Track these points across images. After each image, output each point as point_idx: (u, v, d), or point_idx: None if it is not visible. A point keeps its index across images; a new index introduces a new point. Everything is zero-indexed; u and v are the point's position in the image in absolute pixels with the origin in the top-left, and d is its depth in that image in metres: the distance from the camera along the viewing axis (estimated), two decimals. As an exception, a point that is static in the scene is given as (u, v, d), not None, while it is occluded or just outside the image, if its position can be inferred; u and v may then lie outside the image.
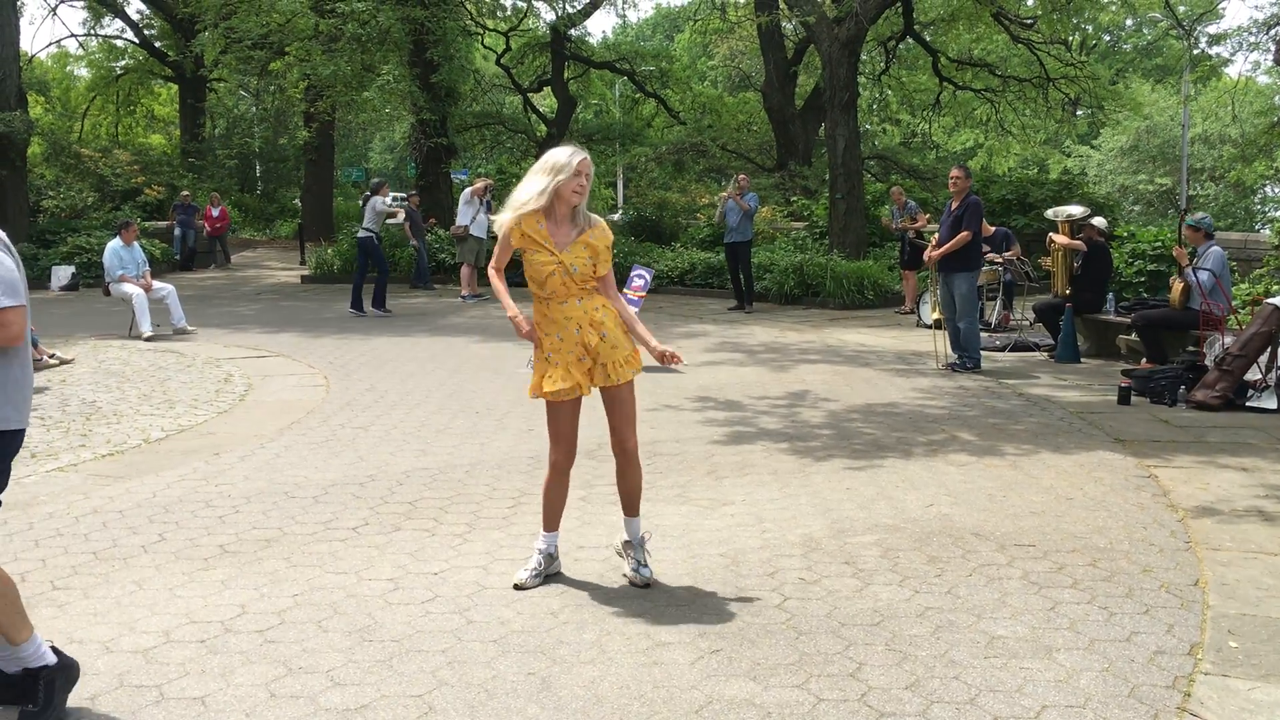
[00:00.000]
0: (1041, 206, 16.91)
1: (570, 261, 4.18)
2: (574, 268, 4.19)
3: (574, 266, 4.19)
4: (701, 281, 17.30)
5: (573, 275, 4.19)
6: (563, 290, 4.22)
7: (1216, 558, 4.74)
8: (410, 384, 9.34)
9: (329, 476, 6.23)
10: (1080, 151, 42.03)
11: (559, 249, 4.20)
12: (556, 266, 4.18)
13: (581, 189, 4.18)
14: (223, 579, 4.52)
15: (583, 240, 4.23)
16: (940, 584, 4.42)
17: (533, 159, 27.10)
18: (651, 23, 57.88)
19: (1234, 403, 8.17)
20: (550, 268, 4.18)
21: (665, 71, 28.66)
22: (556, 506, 4.46)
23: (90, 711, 3.36)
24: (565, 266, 4.18)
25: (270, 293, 18.39)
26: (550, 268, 4.18)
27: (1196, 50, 24.63)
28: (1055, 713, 3.32)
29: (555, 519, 4.48)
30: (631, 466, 4.40)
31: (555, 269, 4.18)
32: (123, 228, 13.16)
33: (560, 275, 4.19)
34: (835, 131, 17.86)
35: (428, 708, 3.37)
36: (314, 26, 19.37)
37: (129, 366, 10.30)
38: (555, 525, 4.49)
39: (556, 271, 4.18)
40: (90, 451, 6.90)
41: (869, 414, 8.03)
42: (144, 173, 26.65)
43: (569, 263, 4.18)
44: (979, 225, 9.99)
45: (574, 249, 4.21)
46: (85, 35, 34.91)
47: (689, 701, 3.40)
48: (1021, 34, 22.49)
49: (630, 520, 4.46)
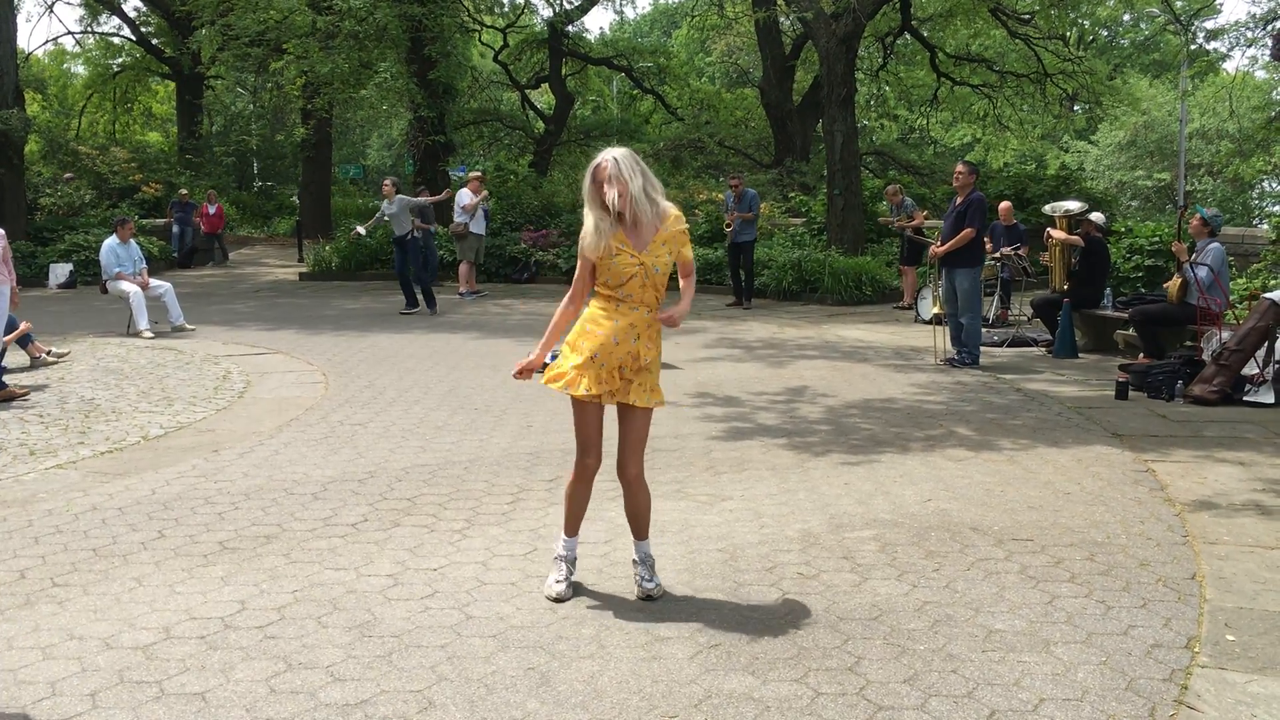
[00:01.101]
0: (1039, 202, 16.91)
1: (652, 262, 4.07)
2: (655, 268, 4.08)
3: (655, 267, 4.08)
4: (699, 277, 17.29)
5: (653, 276, 4.08)
6: (639, 294, 4.09)
7: (1214, 551, 4.75)
8: (409, 380, 9.35)
9: (328, 473, 6.23)
10: (1078, 147, 42.03)
11: (639, 249, 4.07)
12: (639, 269, 4.06)
13: (609, 195, 3.97)
14: (222, 575, 4.53)
15: (660, 238, 4.09)
16: (938, 578, 4.43)
17: (530, 156, 27.16)
18: (649, 19, 57.81)
19: (1231, 397, 8.18)
20: (632, 270, 4.06)
21: (663, 68, 28.67)
22: (580, 511, 4.34)
23: (91, 708, 3.36)
24: (647, 268, 4.06)
25: (268, 290, 18.39)
26: (632, 270, 4.06)
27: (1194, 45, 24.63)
28: (1053, 706, 3.34)
29: (577, 524, 4.36)
30: (632, 491, 4.26)
31: (637, 271, 4.06)
32: (119, 225, 13.16)
33: (641, 277, 4.07)
34: (833, 127, 17.86)
35: (427, 703, 3.38)
36: (311, 23, 19.35)
37: (127, 364, 10.30)
38: (577, 530, 4.37)
39: (638, 274, 4.06)
40: (89, 449, 6.91)
41: (867, 409, 8.04)
42: (141, 170, 26.64)
43: (650, 263, 4.06)
44: (982, 221, 9.99)
45: (653, 248, 4.08)
46: (82, 33, 35.02)
47: (688, 696, 3.41)
48: (1019, 29, 22.49)
49: (640, 544, 4.32)
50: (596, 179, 4.02)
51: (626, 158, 4.02)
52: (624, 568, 4.54)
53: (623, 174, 3.97)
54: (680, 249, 4.15)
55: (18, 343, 10.03)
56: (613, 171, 3.98)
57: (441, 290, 17.68)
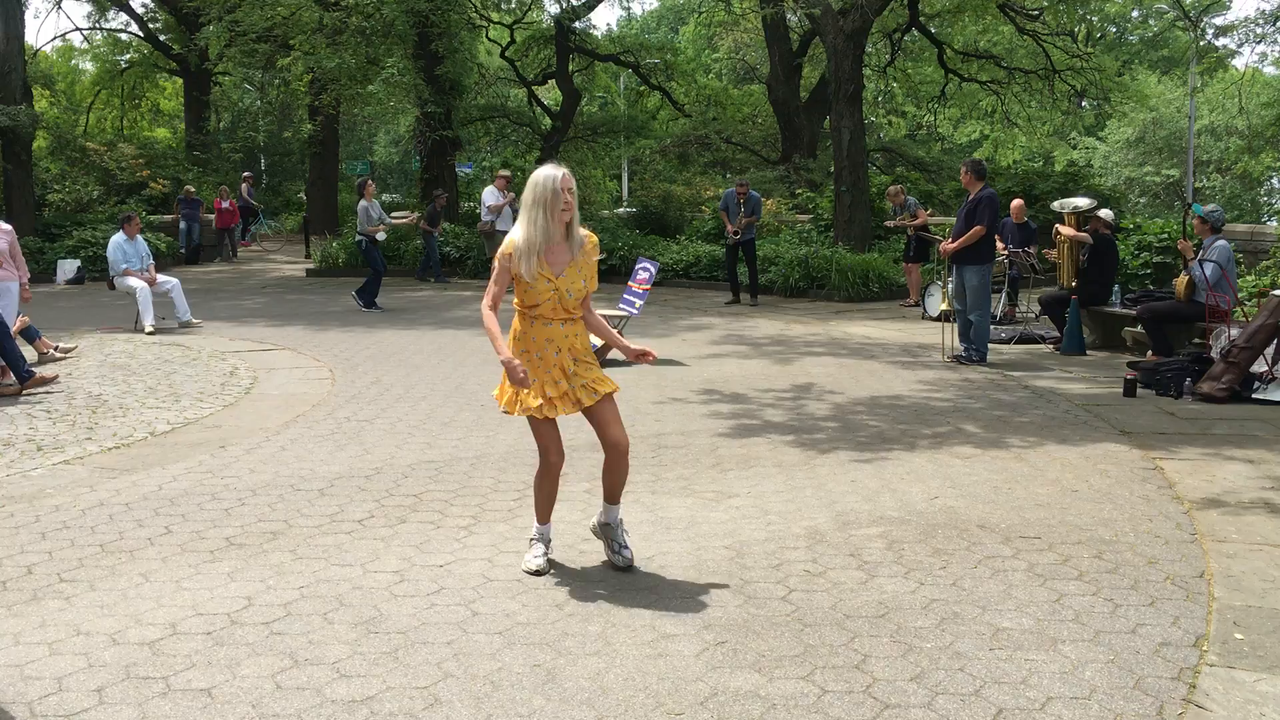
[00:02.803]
0: (1047, 199, 16.86)
1: (566, 287, 4.31)
2: (569, 293, 4.31)
3: (569, 292, 4.31)
4: (706, 274, 17.28)
5: (566, 301, 4.32)
6: (551, 313, 4.33)
7: (1222, 550, 4.73)
8: (415, 377, 9.35)
9: (334, 469, 6.24)
10: (1086, 143, 41.92)
11: (556, 275, 4.30)
12: (553, 293, 4.29)
13: (568, 206, 4.25)
14: (229, 571, 4.53)
15: (576, 264, 4.34)
16: (945, 576, 4.42)
17: (538, 152, 27.14)
18: (656, 15, 57.77)
19: (1240, 395, 8.15)
20: (547, 294, 4.29)
21: (670, 64, 28.60)
22: (550, 500, 4.59)
23: (98, 703, 3.37)
24: (561, 292, 4.30)
25: (275, 286, 18.41)
26: (547, 294, 4.29)
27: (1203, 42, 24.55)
28: (1060, 704, 3.32)
29: (548, 511, 4.61)
30: (621, 460, 4.44)
31: (551, 295, 4.29)
32: (125, 221, 13.18)
33: (554, 301, 4.30)
34: (840, 124, 17.83)
35: (433, 699, 3.38)
36: (319, 19, 19.36)
37: (134, 360, 10.32)
38: (548, 518, 4.62)
39: (552, 298, 4.29)
40: (96, 444, 6.92)
41: (874, 406, 8.03)
42: (149, 166, 26.67)
43: (564, 288, 4.30)
44: (993, 219, 9.96)
45: (569, 273, 4.33)
46: (90, 29, 34.94)
47: (694, 693, 3.41)
48: (1027, 25, 22.43)
49: (610, 507, 4.56)
50: (563, 187, 4.23)
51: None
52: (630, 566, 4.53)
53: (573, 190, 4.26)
54: (589, 280, 4.40)
55: (25, 338, 10.06)
56: (570, 187, 4.26)
57: (449, 287, 17.70)
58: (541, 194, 4.22)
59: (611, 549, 4.57)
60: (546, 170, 4.27)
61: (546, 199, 4.21)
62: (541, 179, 4.24)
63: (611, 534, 4.58)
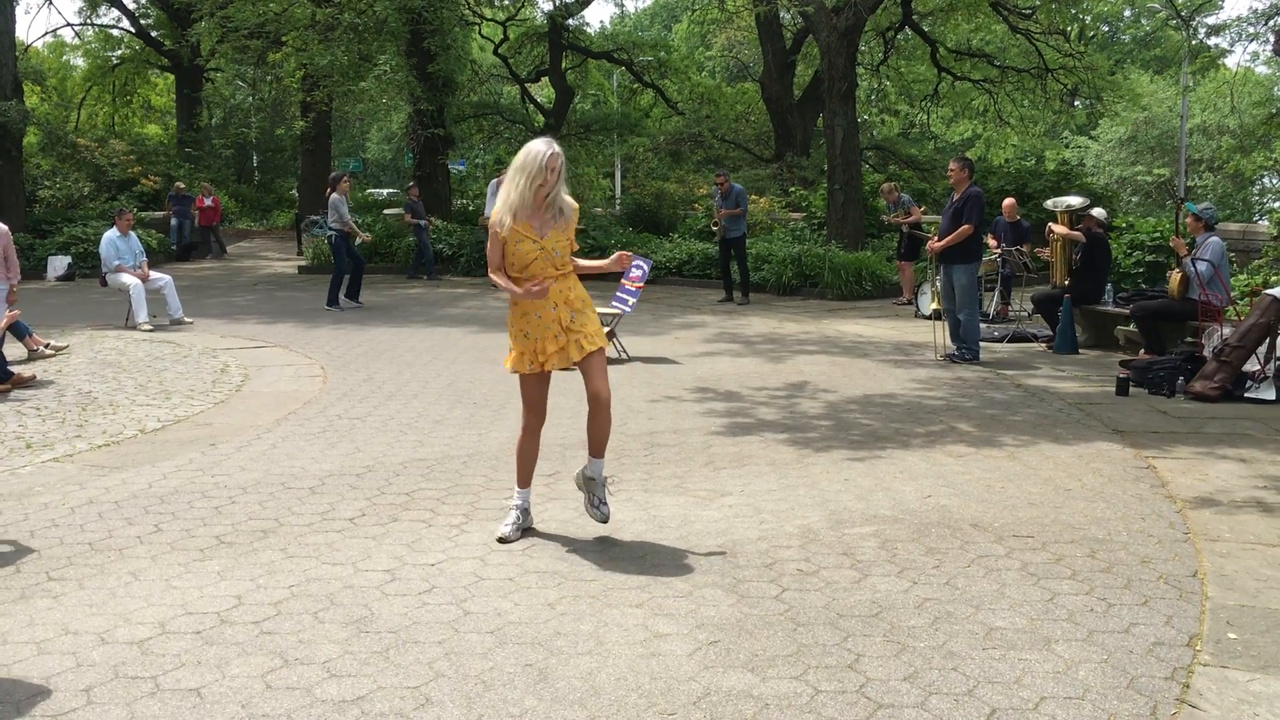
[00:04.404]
0: (1040, 198, 16.88)
1: (551, 246, 4.64)
2: (555, 251, 4.65)
3: (555, 250, 4.65)
4: (699, 272, 17.26)
5: (554, 259, 4.65)
6: (542, 271, 4.64)
7: (1215, 549, 4.73)
8: (407, 375, 9.32)
9: (326, 467, 6.21)
10: (1078, 142, 41.97)
11: (540, 235, 4.63)
12: (540, 253, 4.62)
13: (546, 183, 4.54)
14: (219, 570, 4.51)
15: (558, 227, 4.66)
16: (938, 575, 4.41)
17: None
18: (650, 13, 57.74)
19: (1232, 394, 8.16)
20: (534, 254, 4.62)
21: (663, 62, 28.60)
22: (530, 464, 4.90)
23: (86, 703, 3.34)
24: (547, 250, 4.63)
25: (267, 283, 18.36)
26: (534, 254, 4.62)
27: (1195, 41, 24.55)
28: (1054, 704, 3.32)
29: (528, 476, 4.91)
30: (603, 411, 4.73)
31: (538, 255, 4.62)
32: (118, 217, 13.12)
33: (542, 260, 4.63)
34: (833, 122, 17.83)
35: (424, 699, 3.36)
36: (311, 16, 19.30)
37: (125, 357, 10.27)
38: (528, 482, 4.92)
39: (540, 257, 4.62)
40: (86, 442, 6.88)
41: (867, 405, 8.02)
42: (140, 163, 26.58)
43: (550, 247, 4.64)
44: (980, 217, 9.94)
45: (552, 234, 4.65)
46: (81, 24, 34.87)
47: (687, 693, 3.39)
48: (1020, 24, 22.45)
49: (595, 460, 4.82)
50: (548, 166, 4.51)
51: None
52: (624, 562, 4.52)
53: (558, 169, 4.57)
54: (571, 238, 4.74)
55: (15, 335, 10.00)
56: (555, 166, 4.55)
57: (441, 284, 17.66)
58: (527, 164, 4.54)
59: (591, 502, 4.85)
60: (538, 145, 4.58)
61: (530, 170, 4.53)
62: (532, 153, 4.55)
63: (593, 488, 4.84)
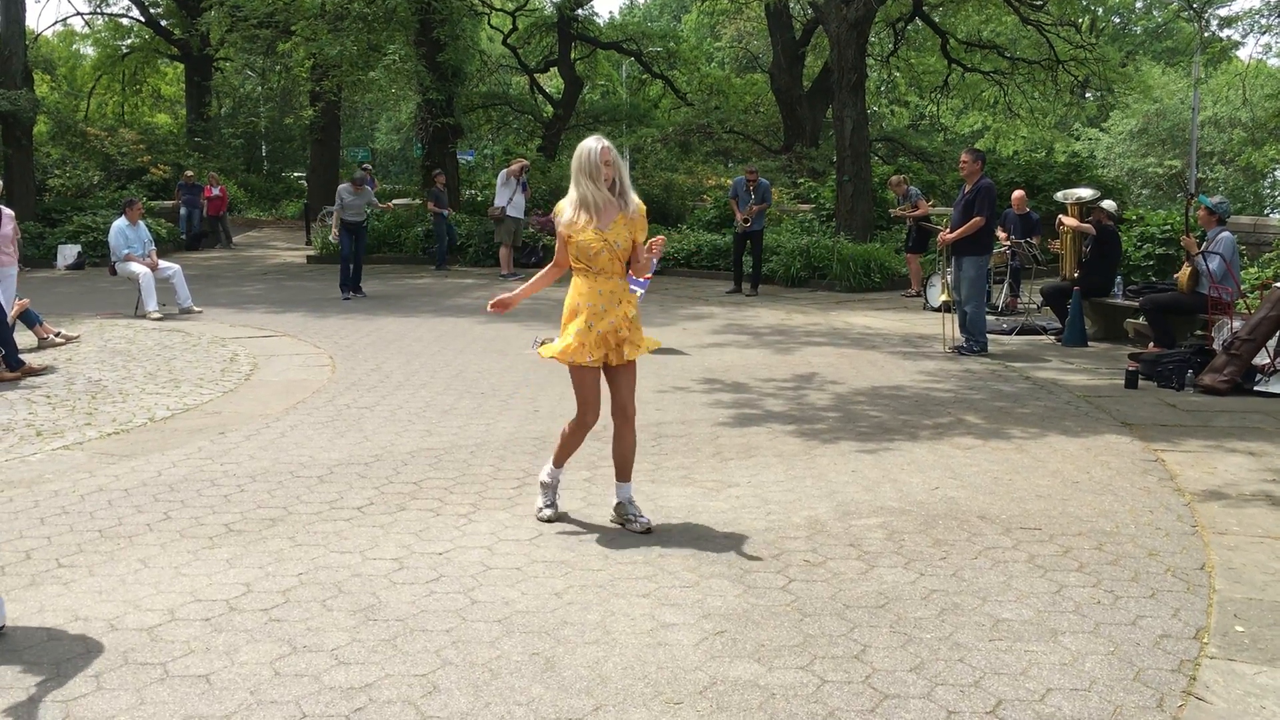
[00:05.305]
0: (1050, 190, 16.82)
1: (614, 239, 4.73)
2: (617, 243, 4.74)
3: (617, 243, 4.74)
4: (708, 264, 17.23)
5: (616, 251, 4.74)
6: (609, 266, 4.75)
7: (1223, 542, 4.72)
8: (416, 364, 9.34)
9: (334, 456, 6.23)
10: (1089, 134, 41.82)
11: (604, 229, 4.73)
12: (603, 243, 4.70)
13: (607, 175, 4.72)
14: (228, 558, 4.53)
15: (623, 220, 4.78)
16: (945, 567, 4.41)
17: (539, 140, 27.10)
18: (659, 3, 57.59)
19: (1242, 387, 8.14)
20: (598, 244, 4.70)
21: (672, 52, 28.52)
22: (572, 450, 4.99)
23: (95, 689, 3.36)
24: (610, 243, 4.72)
25: (276, 272, 18.38)
26: (598, 244, 4.70)
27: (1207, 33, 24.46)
28: (1060, 696, 3.32)
29: (566, 459, 5.02)
30: (629, 428, 4.86)
31: (602, 245, 4.70)
32: (127, 206, 13.15)
33: (606, 252, 4.72)
34: (843, 113, 17.78)
35: (431, 687, 3.37)
36: (320, 5, 19.26)
37: (135, 345, 10.31)
38: (564, 463, 5.03)
39: (603, 248, 4.71)
40: (96, 430, 6.91)
41: (875, 397, 8.01)
42: (150, 152, 26.61)
43: (613, 240, 4.73)
44: (992, 210, 9.91)
45: (614, 227, 4.75)
46: (91, 13, 34.79)
47: (693, 683, 3.40)
48: (1031, 15, 22.37)
49: (623, 486, 4.93)
50: (604, 159, 4.72)
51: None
52: (630, 552, 4.52)
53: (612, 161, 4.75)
54: (636, 232, 4.83)
55: (25, 324, 10.04)
56: (609, 159, 4.75)
57: (450, 274, 17.68)
58: (584, 164, 4.73)
59: (627, 522, 4.88)
60: (589, 143, 4.79)
61: (589, 169, 4.71)
62: (585, 152, 4.75)
63: (624, 511, 4.90)
